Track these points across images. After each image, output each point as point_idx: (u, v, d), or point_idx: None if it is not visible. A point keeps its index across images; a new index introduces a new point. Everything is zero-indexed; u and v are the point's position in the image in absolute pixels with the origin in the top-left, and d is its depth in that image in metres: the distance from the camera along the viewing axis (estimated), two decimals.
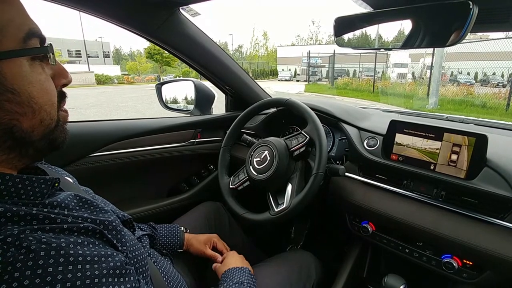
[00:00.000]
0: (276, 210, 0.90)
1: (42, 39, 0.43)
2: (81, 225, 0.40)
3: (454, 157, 0.78)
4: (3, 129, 0.38)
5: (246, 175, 1.00)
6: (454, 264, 0.77)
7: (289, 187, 0.91)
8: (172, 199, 1.31)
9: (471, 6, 0.46)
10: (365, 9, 0.66)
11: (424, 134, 0.84)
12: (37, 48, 0.41)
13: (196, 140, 1.36)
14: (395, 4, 0.58)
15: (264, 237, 1.52)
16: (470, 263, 0.76)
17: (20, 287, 0.32)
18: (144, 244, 0.66)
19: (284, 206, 0.88)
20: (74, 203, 0.46)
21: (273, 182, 0.93)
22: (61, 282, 0.33)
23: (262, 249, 1.24)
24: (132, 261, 0.47)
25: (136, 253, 0.50)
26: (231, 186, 1.03)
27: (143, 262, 0.51)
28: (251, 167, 0.98)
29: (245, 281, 0.75)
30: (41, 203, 0.41)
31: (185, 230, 0.94)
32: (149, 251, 0.66)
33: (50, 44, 0.44)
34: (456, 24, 0.50)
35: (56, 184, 0.46)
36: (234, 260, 0.85)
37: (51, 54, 0.43)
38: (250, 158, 1.00)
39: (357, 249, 1.10)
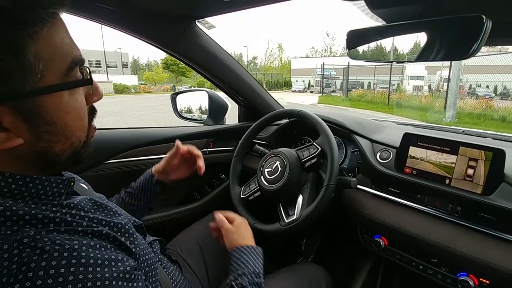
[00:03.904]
0: (286, 221, 0.89)
1: (82, 63, 0.42)
2: (95, 229, 0.41)
3: (470, 171, 0.76)
4: (38, 154, 0.41)
5: (257, 185, 1.00)
6: (470, 283, 0.74)
7: (300, 199, 0.91)
8: (183, 207, 1.32)
9: (484, 20, 0.46)
10: (378, 22, 0.67)
11: (439, 147, 0.82)
12: (78, 81, 0.42)
13: (209, 149, 1.38)
14: (407, 18, 0.59)
15: (275, 249, 1.51)
16: (487, 282, 0.73)
17: (33, 286, 0.33)
18: (155, 250, 0.67)
19: (295, 217, 0.88)
20: (90, 206, 0.48)
21: (284, 193, 0.93)
22: (72, 283, 0.34)
23: (272, 261, 1.23)
24: (142, 265, 0.48)
25: (147, 257, 0.51)
26: (242, 196, 1.03)
27: (153, 267, 0.51)
28: (262, 177, 0.98)
29: (261, 272, 0.68)
30: (59, 204, 0.43)
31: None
32: (159, 257, 0.67)
33: (89, 70, 0.44)
34: (469, 37, 0.50)
35: (72, 184, 0.48)
36: (247, 232, 0.79)
37: (90, 85, 0.45)
38: (261, 169, 1.00)
39: (369, 264, 1.07)
